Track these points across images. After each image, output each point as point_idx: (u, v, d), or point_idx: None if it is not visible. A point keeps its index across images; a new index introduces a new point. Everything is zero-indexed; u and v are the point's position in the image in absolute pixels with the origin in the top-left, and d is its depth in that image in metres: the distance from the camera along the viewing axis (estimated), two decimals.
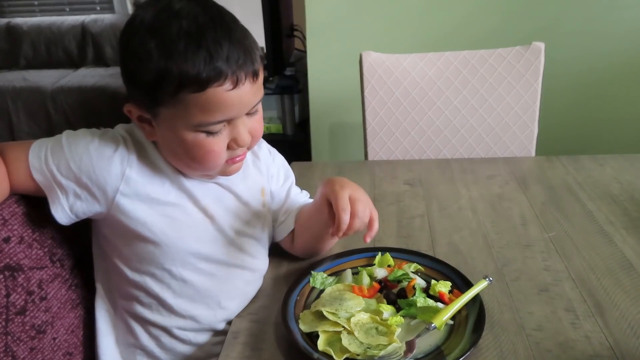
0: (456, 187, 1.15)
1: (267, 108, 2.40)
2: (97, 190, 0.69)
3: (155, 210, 0.71)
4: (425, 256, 0.86)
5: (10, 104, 3.32)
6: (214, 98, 0.62)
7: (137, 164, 0.71)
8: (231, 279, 0.79)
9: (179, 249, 0.73)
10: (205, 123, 0.65)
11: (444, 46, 1.46)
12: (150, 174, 0.72)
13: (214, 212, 0.76)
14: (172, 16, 0.62)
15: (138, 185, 0.70)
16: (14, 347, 0.66)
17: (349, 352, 0.66)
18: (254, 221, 0.82)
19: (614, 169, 1.19)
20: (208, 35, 0.61)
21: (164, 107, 0.64)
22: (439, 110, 1.41)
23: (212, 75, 0.61)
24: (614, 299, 0.77)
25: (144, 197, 0.71)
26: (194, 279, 0.76)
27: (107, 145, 0.70)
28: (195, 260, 0.75)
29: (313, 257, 0.89)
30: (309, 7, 1.82)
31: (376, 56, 1.39)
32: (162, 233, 0.72)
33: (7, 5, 3.85)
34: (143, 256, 0.74)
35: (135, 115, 0.69)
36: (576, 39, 1.77)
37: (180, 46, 0.60)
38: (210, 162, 0.69)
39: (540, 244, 0.92)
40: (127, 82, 0.67)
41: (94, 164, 0.68)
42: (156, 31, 0.61)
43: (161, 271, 0.74)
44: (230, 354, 0.71)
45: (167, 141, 0.70)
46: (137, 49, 0.62)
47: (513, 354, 0.67)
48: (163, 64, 0.60)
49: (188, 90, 0.61)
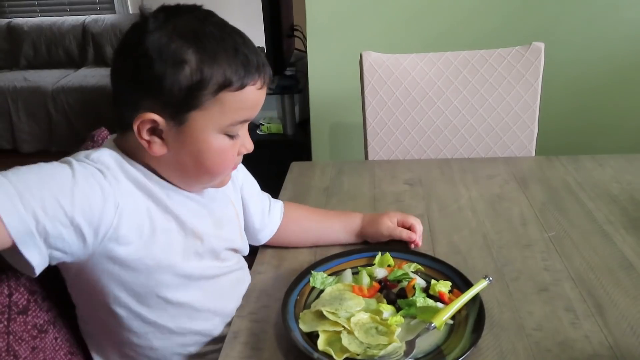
0: (456, 187, 1.15)
1: (267, 108, 2.40)
2: (88, 231, 0.61)
3: (144, 240, 0.68)
4: (425, 256, 0.86)
5: (10, 104, 3.32)
6: (248, 96, 0.67)
7: (124, 194, 0.66)
8: (223, 286, 0.79)
9: (168, 274, 0.71)
10: (236, 122, 0.68)
11: (444, 46, 1.46)
12: (136, 205, 0.67)
13: (201, 231, 0.74)
14: (201, 23, 0.65)
15: (128, 217, 0.65)
16: (16, 347, 0.66)
17: (349, 352, 0.66)
18: (232, 233, 0.82)
19: (613, 169, 1.19)
20: (238, 40, 0.67)
21: (199, 109, 0.65)
22: (439, 110, 1.41)
23: (250, 76, 0.66)
24: (614, 298, 0.77)
25: (132, 228, 0.66)
26: (188, 298, 0.75)
27: (92, 176, 0.63)
28: (186, 281, 0.74)
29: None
30: (309, 7, 1.83)
31: (376, 56, 1.39)
32: (152, 260, 0.69)
33: (8, 6, 3.86)
34: (136, 290, 0.70)
35: (147, 127, 0.65)
36: (576, 39, 1.77)
37: (220, 51, 0.64)
38: (226, 167, 0.72)
39: (540, 243, 0.92)
40: (147, 90, 0.64)
41: (89, 197, 0.61)
42: (193, 37, 0.64)
43: (156, 300, 0.72)
44: (230, 353, 0.71)
45: (181, 151, 0.68)
46: (172, 54, 0.63)
47: (513, 354, 0.68)
48: (207, 68, 0.63)
49: (229, 89, 0.65)
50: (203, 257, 0.76)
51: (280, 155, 1.72)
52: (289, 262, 0.90)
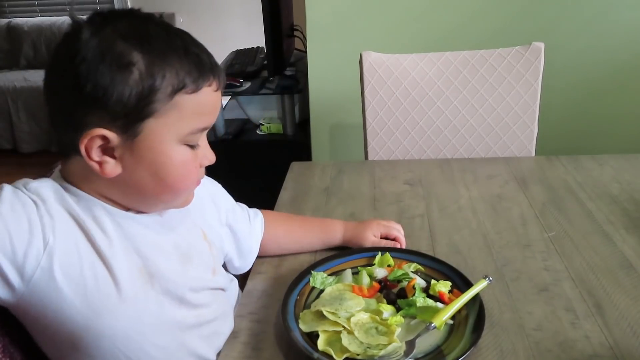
0: (456, 187, 1.15)
1: (267, 108, 2.39)
2: (11, 272, 0.56)
3: (87, 287, 0.60)
4: (425, 256, 0.86)
5: (10, 104, 3.32)
6: (205, 99, 0.62)
7: (59, 232, 0.59)
8: (206, 326, 0.72)
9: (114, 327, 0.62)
10: (195, 129, 0.63)
11: (444, 46, 1.46)
12: (76, 247, 0.60)
13: (162, 268, 0.66)
14: (144, 24, 0.60)
15: (61, 259, 0.58)
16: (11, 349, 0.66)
17: (349, 352, 0.66)
18: (201, 271, 0.73)
19: (613, 169, 1.19)
20: (187, 39, 0.62)
21: (153, 117, 0.59)
22: (439, 110, 1.41)
23: (204, 75, 0.61)
24: (614, 298, 0.77)
25: (67, 273, 0.59)
26: (164, 349, 0.67)
27: (22, 208, 0.57)
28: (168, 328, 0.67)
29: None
30: (309, 7, 1.83)
31: (376, 56, 1.39)
32: (90, 311, 0.60)
33: (8, 6, 3.86)
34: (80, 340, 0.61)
35: (97, 146, 0.59)
36: (576, 39, 1.77)
37: (169, 51, 0.59)
38: (189, 181, 0.66)
39: (540, 243, 0.92)
40: (92, 102, 0.57)
41: (11, 234, 0.55)
42: (138, 38, 0.58)
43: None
44: (230, 353, 0.71)
45: (138, 169, 0.61)
46: (117, 58, 0.56)
47: (513, 354, 0.68)
48: (157, 69, 0.58)
49: (184, 91, 0.60)
50: (162, 303, 0.66)
51: (280, 155, 1.72)
52: (289, 262, 0.90)
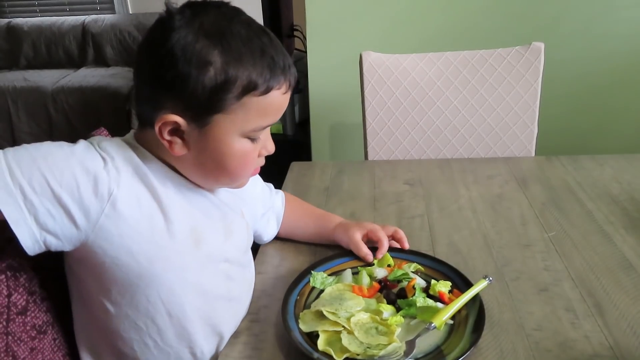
0: (456, 187, 1.15)
1: None
2: (77, 212, 0.60)
3: (141, 236, 0.65)
4: (425, 256, 0.86)
5: (10, 104, 3.32)
6: (272, 101, 0.66)
7: (123, 185, 0.64)
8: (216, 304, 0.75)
9: (171, 281, 0.68)
10: (259, 127, 0.67)
11: (444, 46, 1.46)
12: (137, 201, 0.65)
13: (207, 236, 0.72)
14: (228, 22, 0.63)
15: (123, 208, 0.63)
16: (15, 347, 0.66)
17: (349, 352, 0.66)
18: (238, 245, 0.79)
19: (613, 169, 1.19)
20: (265, 41, 0.65)
21: (222, 112, 0.63)
22: (439, 110, 1.41)
23: (276, 79, 0.65)
24: (614, 298, 0.77)
25: (128, 221, 0.64)
26: (197, 310, 0.71)
27: (91, 160, 0.62)
28: (180, 289, 0.70)
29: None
30: (309, 7, 1.83)
31: (376, 56, 1.39)
32: (145, 259, 0.66)
33: (8, 6, 3.85)
34: (124, 289, 0.67)
35: (169, 128, 0.64)
36: (576, 39, 1.77)
37: (246, 52, 0.62)
38: (247, 170, 0.71)
39: (540, 243, 0.92)
40: (170, 89, 0.62)
41: (78, 181, 0.60)
42: (219, 37, 0.62)
43: (162, 315, 0.69)
44: (231, 353, 0.71)
45: (203, 153, 0.67)
46: (197, 55, 0.61)
47: (513, 354, 0.68)
48: (232, 70, 0.62)
49: (253, 94, 0.63)
50: (204, 265, 0.72)
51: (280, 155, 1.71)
52: (289, 262, 0.90)
